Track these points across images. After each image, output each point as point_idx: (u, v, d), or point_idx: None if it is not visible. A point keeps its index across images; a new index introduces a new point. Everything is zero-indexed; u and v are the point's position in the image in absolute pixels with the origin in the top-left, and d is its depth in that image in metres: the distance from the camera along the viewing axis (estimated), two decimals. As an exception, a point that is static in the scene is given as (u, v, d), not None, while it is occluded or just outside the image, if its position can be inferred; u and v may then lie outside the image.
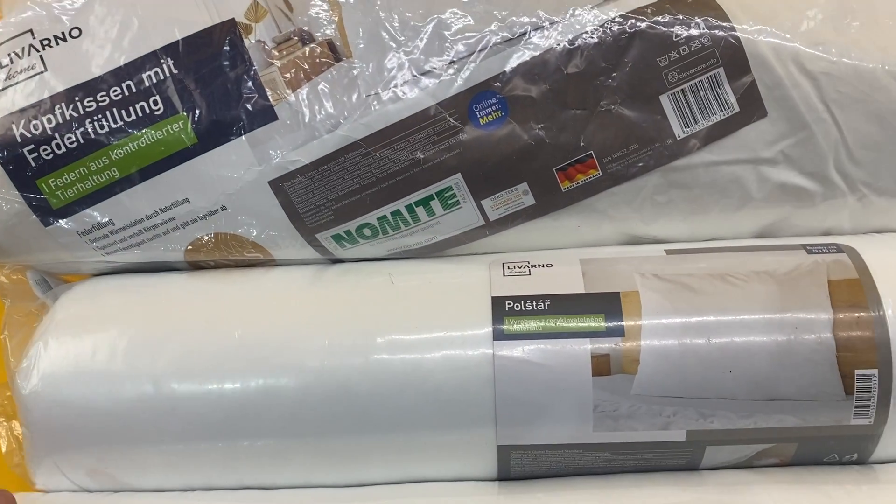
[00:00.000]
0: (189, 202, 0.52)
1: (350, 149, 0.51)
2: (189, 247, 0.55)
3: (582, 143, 0.51)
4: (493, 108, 0.51)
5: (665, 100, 0.51)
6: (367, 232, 0.54)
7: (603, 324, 0.48)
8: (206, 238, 0.54)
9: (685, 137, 0.51)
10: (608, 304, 0.49)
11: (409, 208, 0.53)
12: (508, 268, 0.52)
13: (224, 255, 0.55)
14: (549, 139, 0.51)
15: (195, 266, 0.57)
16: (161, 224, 0.53)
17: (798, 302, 0.48)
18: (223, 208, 0.53)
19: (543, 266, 0.52)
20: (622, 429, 0.48)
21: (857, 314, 0.48)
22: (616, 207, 0.53)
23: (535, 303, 0.49)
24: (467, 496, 0.50)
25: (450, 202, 0.53)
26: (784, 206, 0.53)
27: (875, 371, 0.47)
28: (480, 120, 0.51)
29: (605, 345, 0.48)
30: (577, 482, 0.50)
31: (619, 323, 0.48)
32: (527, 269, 0.52)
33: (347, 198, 0.52)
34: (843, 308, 0.48)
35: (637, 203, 0.53)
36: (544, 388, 0.48)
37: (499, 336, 0.49)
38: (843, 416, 0.48)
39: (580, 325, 0.48)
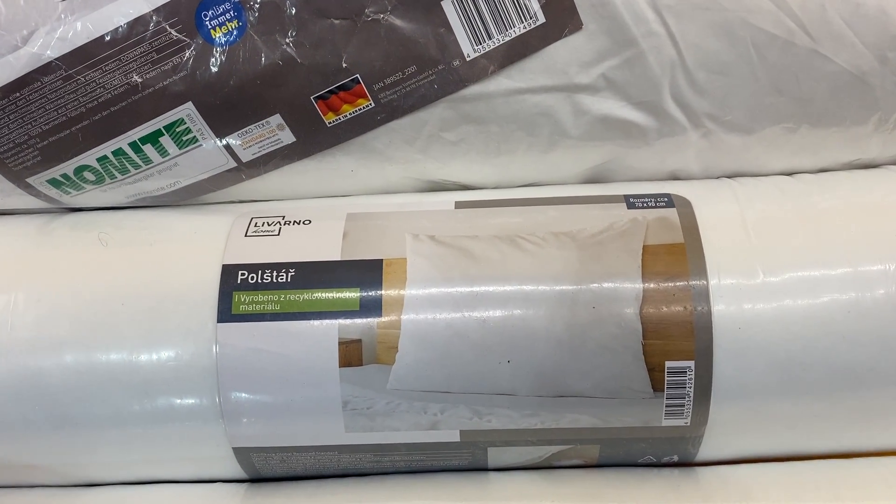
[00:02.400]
0: None
1: (46, 71, 0.40)
2: None
3: (345, 65, 0.40)
4: (227, 16, 0.40)
5: (449, 7, 0.39)
6: (89, 176, 0.43)
7: (357, 299, 0.38)
8: None
9: (476, 58, 0.40)
10: (367, 274, 0.39)
11: (135, 146, 0.42)
12: (256, 225, 0.41)
13: (-74, 203, 0.45)
14: (301, 58, 0.40)
15: None
16: None
17: (600, 273, 0.38)
18: None
19: (299, 223, 0.41)
20: (380, 429, 0.39)
21: (673, 289, 0.37)
22: (397, 147, 0.42)
23: (275, 273, 0.39)
24: (198, 500, 0.41)
25: (185, 139, 0.42)
26: (609, 144, 0.42)
27: (691, 363, 0.37)
28: (212, 32, 0.40)
29: (357, 327, 0.38)
30: (329, 487, 0.41)
31: (376, 299, 0.38)
32: (277, 226, 0.41)
33: (53, 133, 0.41)
34: (656, 280, 0.38)
35: (421, 142, 0.42)
36: (280, 382, 0.38)
37: (225, 317, 0.38)
38: (653, 417, 0.38)
39: (328, 301, 0.38)
